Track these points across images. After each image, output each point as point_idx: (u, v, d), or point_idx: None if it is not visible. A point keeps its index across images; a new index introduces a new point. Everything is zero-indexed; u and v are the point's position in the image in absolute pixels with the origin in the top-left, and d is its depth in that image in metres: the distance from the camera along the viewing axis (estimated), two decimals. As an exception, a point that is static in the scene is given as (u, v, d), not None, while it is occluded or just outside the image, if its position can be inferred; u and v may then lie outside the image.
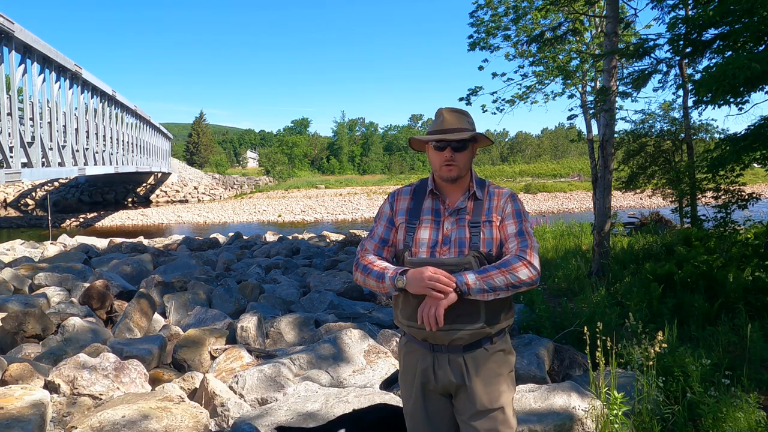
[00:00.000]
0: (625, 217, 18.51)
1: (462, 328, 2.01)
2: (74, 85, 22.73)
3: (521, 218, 2.10)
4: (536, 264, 2.01)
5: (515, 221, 2.09)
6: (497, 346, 2.10)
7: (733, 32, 5.76)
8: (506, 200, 2.14)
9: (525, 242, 2.04)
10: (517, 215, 2.11)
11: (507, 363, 2.12)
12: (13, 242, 16.13)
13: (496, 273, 1.96)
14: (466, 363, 2.05)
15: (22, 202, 43.48)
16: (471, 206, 2.12)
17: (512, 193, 2.19)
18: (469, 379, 2.05)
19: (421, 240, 2.10)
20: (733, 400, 3.20)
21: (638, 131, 12.85)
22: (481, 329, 2.03)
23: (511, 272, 1.96)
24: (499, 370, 2.09)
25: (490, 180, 2.26)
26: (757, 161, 7.10)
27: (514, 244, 2.04)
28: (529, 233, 2.08)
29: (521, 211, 2.13)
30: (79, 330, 5.67)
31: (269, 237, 19.19)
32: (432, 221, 2.13)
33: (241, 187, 54.17)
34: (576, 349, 4.74)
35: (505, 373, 2.11)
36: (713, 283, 6.23)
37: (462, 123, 2.12)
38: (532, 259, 2.00)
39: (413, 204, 2.18)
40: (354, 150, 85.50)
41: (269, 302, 7.61)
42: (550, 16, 11.82)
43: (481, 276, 1.95)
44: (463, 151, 2.11)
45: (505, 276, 1.95)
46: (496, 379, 2.08)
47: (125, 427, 3.15)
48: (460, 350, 2.05)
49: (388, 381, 4.41)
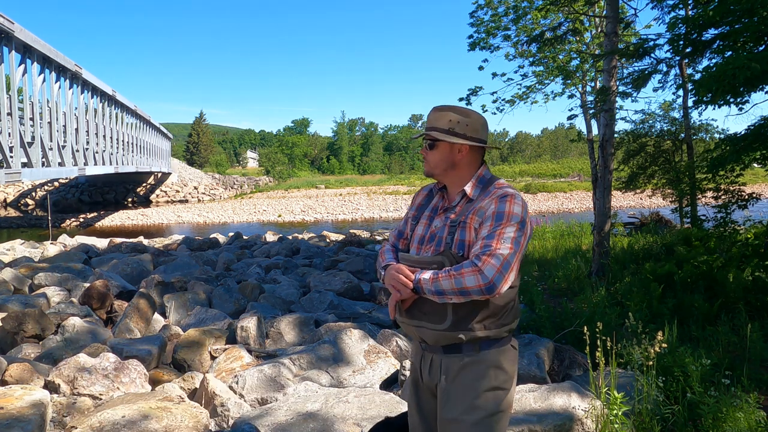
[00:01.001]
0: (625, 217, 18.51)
1: (427, 327, 1.98)
2: (74, 85, 22.73)
3: (501, 221, 1.90)
4: (489, 273, 1.80)
5: (491, 224, 1.91)
6: (480, 356, 1.94)
7: (733, 32, 5.76)
8: (491, 201, 1.96)
9: (488, 247, 1.85)
10: (497, 217, 1.92)
11: (487, 378, 1.94)
12: (13, 242, 16.13)
13: (445, 276, 1.86)
14: (442, 365, 1.99)
15: (22, 202, 43.48)
16: (461, 206, 2.05)
17: (504, 195, 1.97)
18: (441, 381, 1.99)
19: (415, 236, 2.12)
20: (733, 400, 3.20)
21: (638, 131, 12.84)
22: (448, 332, 1.93)
23: (457, 277, 1.83)
24: (474, 383, 1.93)
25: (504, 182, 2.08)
26: (757, 161, 7.11)
27: (477, 248, 1.89)
28: (501, 238, 1.87)
29: (505, 214, 1.92)
30: (79, 330, 5.67)
31: (269, 237, 19.20)
32: (428, 218, 2.13)
33: (241, 187, 54.17)
34: (576, 349, 4.74)
35: (482, 390, 1.93)
36: (713, 283, 6.24)
37: (439, 121, 2.06)
38: (484, 266, 1.81)
39: (425, 200, 2.21)
40: (354, 150, 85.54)
41: (269, 302, 7.61)
42: (550, 16, 11.83)
43: (433, 276, 1.89)
44: (433, 149, 2.08)
45: (451, 280, 1.84)
46: (468, 393, 1.93)
47: (125, 427, 3.15)
48: (440, 351, 2.00)
49: (388, 381, 4.42)
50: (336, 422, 3.27)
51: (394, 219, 32.59)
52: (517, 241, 1.88)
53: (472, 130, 2.06)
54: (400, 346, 5.04)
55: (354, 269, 10.12)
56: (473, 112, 2.10)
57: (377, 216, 33.72)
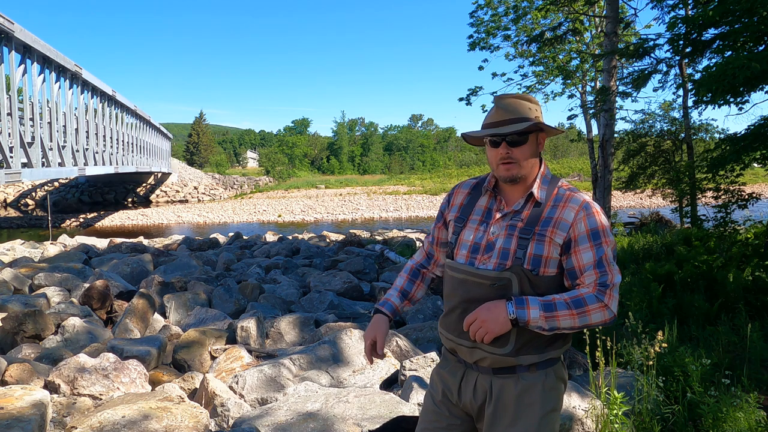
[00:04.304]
0: (625, 217, 18.52)
1: (484, 350, 1.76)
2: (74, 85, 22.72)
3: (601, 240, 1.70)
4: (613, 306, 1.68)
5: (592, 245, 1.69)
6: (536, 377, 1.76)
7: (733, 32, 5.76)
8: (576, 213, 1.71)
9: (605, 276, 1.68)
10: (595, 236, 1.70)
11: (544, 402, 1.76)
12: (13, 242, 16.12)
13: (565, 314, 1.66)
14: (493, 387, 1.79)
15: (22, 202, 43.48)
16: (528, 211, 1.77)
17: (586, 203, 1.73)
18: (489, 404, 1.79)
19: (463, 241, 1.85)
20: (733, 400, 3.19)
21: (638, 131, 12.86)
22: (505, 357, 1.74)
23: (583, 315, 1.66)
24: (528, 401, 1.75)
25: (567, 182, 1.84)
26: (757, 161, 7.12)
27: (591, 279, 1.69)
28: (610, 263, 1.70)
29: (600, 230, 1.70)
30: (78, 330, 5.67)
31: (269, 237, 19.20)
32: (479, 222, 1.84)
33: (241, 187, 54.17)
34: (576, 349, 4.73)
35: (540, 415, 1.74)
36: (713, 283, 6.24)
37: (519, 111, 1.74)
38: (611, 302, 1.67)
39: (468, 200, 1.92)
40: (354, 150, 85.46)
41: (269, 302, 7.61)
42: (550, 16, 11.86)
43: (546, 314, 1.66)
44: (521, 145, 1.75)
45: (574, 319, 1.66)
46: (521, 413, 1.75)
47: (125, 427, 3.15)
48: (490, 372, 1.79)
49: (388, 381, 4.42)
50: (336, 422, 3.27)
51: (394, 219, 32.59)
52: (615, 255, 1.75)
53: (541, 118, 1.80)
54: (400, 346, 5.04)
55: (354, 269, 10.12)
56: (534, 98, 1.84)
57: (377, 216, 33.72)
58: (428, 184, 51.60)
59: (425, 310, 6.67)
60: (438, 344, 5.50)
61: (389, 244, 14.85)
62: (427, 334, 5.65)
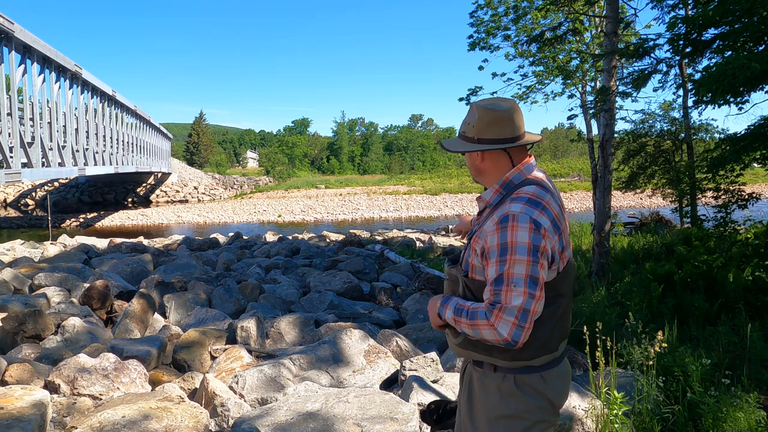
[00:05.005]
0: (625, 217, 18.53)
1: (450, 336, 1.90)
2: (74, 85, 22.73)
3: (506, 256, 1.63)
4: (503, 330, 1.60)
5: (497, 261, 1.64)
6: (494, 378, 1.79)
7: (733, 32, 5.76)
8: (493, 225, 1.68)
9: (498, 296, 1.62)
10: (502, 251, 1.64)
11: (493, 403, 1.79)
12: (13, 242, 16.13)
13: (465, 323, 1.71)
14: (464, 375, 1.94)
15: (22, 202, 43.48)
16: (484, 215, 1.85)
17: (506, 215, 1.67)
18: (463, 392, 1.93)
19: None
20: (733, 400, 3.19)
21: (638, 131, 12.86)
22: (463, 346, 1.84)
23: (475, 328, 1.68)
24: (482, 400, 1.81)
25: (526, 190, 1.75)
26: (757, 161, 7.12)
27: (487, 293, 1.67)
28: (510, 283, 1.61)
29: (509, 246, 1.63)
30: (79, 330, 5.67)
31: (269, 237, 19.20)
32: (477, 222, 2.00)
33: (241, 187, 54.17)
34: (576, 349, 4.74)
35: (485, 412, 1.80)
36: (713, 283, 6.24)
37: (461, 128, 1.89)
38: (497, 322, 1.61)
39: None
40: (354, 150, 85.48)
41: (269, 302, 7.61)
42: (550, 16, 11.85)
43: (456, 318, 1.75)
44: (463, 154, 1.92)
45: (470, 330, 1.70)
46: (473, 410, 1.84)
47: (125, 427, 3.15)
48: (471, 361, 1.89)
49: (388, 381, 4.42)
50: (336, 422, 3.27)
51: (394, 219, 32.60)
52: (532, 277, 1.62)
53: (478, 132, 1.80)
54: (400, 346, 5.04)
55: (354, 269, 10.12)
56: (481, 108, 1.80)
57: (377, 216, 33.73)
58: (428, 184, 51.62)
59: (425, 311, 6.67)
60: (438, 344, 5.50)
61: (389, 244, 14.86)
62: (427, 334, 5.65)
